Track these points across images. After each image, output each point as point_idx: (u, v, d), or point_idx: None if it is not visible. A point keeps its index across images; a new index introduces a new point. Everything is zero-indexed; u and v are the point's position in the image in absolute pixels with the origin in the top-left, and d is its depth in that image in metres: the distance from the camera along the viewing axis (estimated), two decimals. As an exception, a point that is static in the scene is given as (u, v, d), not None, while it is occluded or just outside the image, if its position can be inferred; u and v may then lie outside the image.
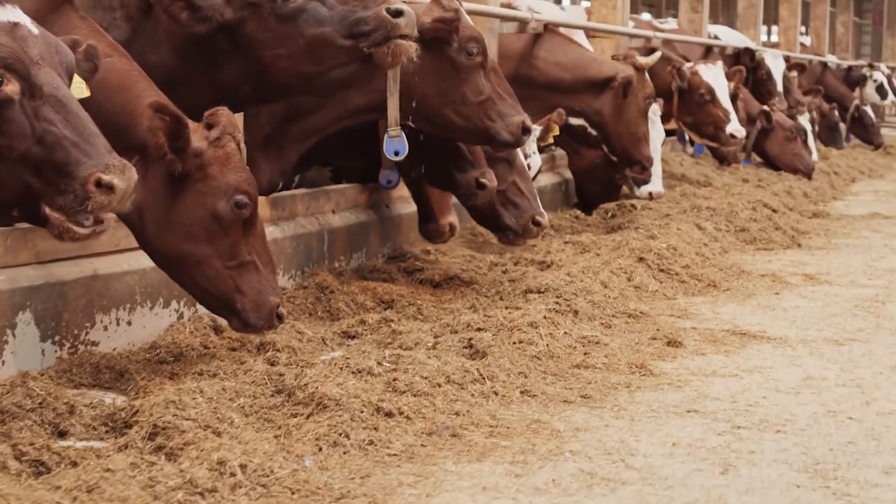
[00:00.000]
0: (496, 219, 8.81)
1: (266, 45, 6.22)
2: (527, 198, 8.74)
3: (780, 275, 10.10)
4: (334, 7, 6.16)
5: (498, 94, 7.97)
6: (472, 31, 7.97)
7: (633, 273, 9.17)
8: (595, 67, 11.83)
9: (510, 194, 8.75)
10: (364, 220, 9.06)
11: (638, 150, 11.95)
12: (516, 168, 8.78)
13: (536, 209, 8.74)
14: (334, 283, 8.05)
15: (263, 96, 6.56)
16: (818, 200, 16.07)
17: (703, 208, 12.14)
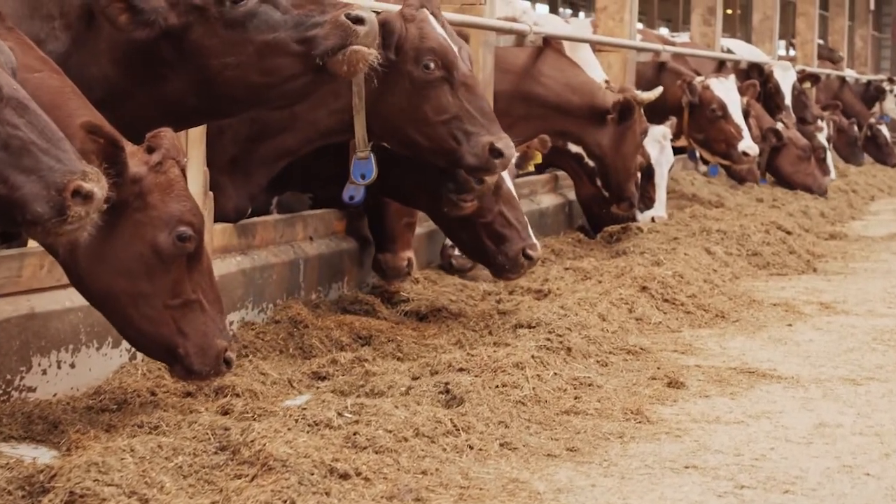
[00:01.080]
0: (483, 252, 8.12)
1: (213, 53, 5.59)
2: (515, 228, 8.05)
3: (794, 303, 9.45)
4: (288, 11, 5.53)
5: (467, 112, 7.31)
6: (433, 42, 7.28)
7: (634, 304, 8.53)
8: (601, 96, 11.26)
9: (497, 225, 8.06)
10: (344, 247, 8.44)
11: (629, 186, 11.46)
12: (503, 196, 8.09)
13: (527, 240, 8.06)
14: (309, 317, 7.43)
15: (212, 111, 5.93)
16: (835, 220, 15.41)
17: (713, 231, 11.49)
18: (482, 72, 10.08)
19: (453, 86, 7.29)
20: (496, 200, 8.02)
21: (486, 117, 7.35)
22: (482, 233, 8.02)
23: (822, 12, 28.71)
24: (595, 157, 11.38)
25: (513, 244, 7.99)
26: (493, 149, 7.25)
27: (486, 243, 8.03)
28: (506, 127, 11.09)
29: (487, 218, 7.99)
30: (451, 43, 7.33)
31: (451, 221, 8.09)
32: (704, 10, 17.68)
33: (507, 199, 8.08)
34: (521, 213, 8.11)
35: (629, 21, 13.78)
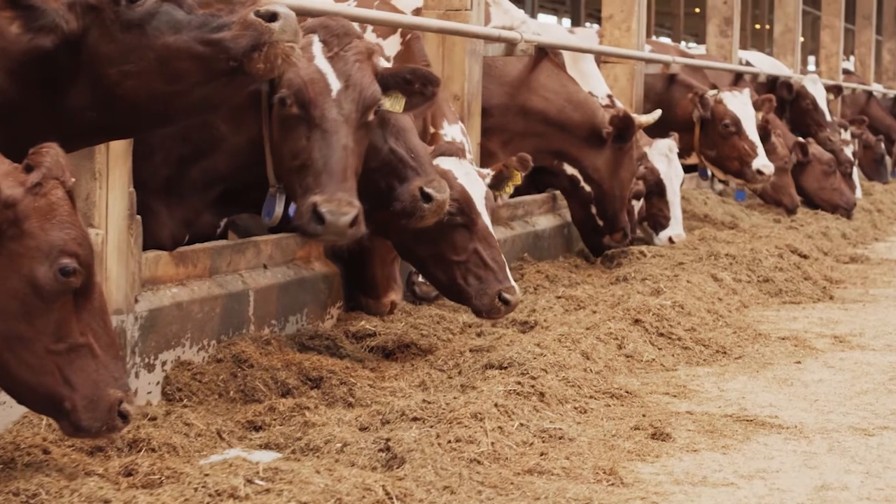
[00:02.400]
0: (458, 293, 7.35)
1: (111, 60, 4.81)
2: (491, 269, 7.25)
3: (805, 337, 8.61)
4: (193, 11, 4.75)
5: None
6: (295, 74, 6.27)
7: (625, 339, 7.71)
8: (602, 115, 10.45)
9: (472, 265, 7.28)
10: (305, 276, 7.64)
11: (623, 216, 10.73)
12: (478, 233, 7.30)
13: (504, 282, 7.25)
14: (255, 355, 6.65)
15: (117, 127, 5.15)
16: (858, 242, 14.53)
17: (722, 255, 10.66)
18: (468, 83, 9.34)
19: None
20: (471, 238, 7.24)
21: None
22: (456, 272, 7.26)
23: (847, 25, 27.85)
24: (591, 182, 10.59)
25: (488, 286, 7.20)
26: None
27: (460, 284, 7.26)
28: (503, 143, 10.44)
29: (461, 257, 7.24)
30: None
31: (423, 258, 7.39)
32: (721, 21, 16.85)
33: (482, 237, 7.29)
34: (498, 252, 7.32)
35: (637, 30, 12.97)
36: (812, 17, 36.66)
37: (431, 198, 6.68)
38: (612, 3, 13.01)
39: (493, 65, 10.15)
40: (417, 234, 7.20)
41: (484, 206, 7.35)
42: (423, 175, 6.74)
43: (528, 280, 9.93)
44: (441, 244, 7.24)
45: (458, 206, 7.22)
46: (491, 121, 10.08)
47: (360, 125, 6.27)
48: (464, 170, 7.40)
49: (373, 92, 6.33)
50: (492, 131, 10.13)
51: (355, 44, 6.36)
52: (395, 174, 6.79)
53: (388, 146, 6.80)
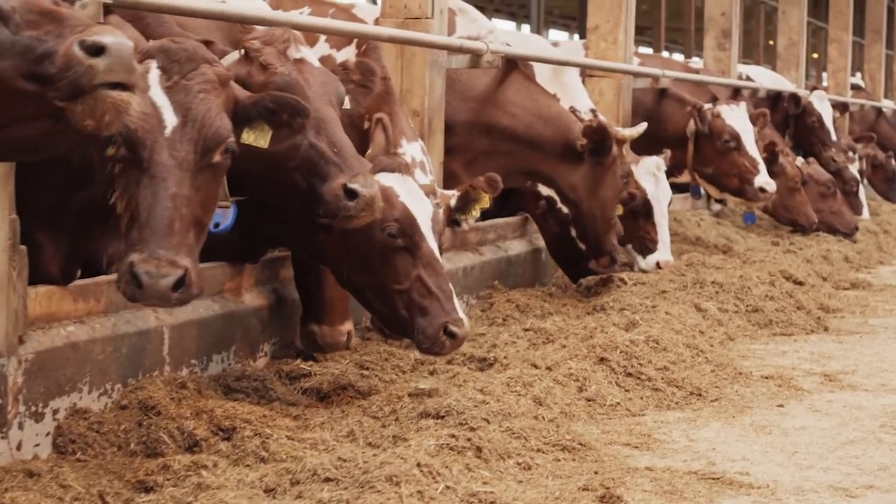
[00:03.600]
0: (399, 324, 6.59)
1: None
2: (437, 299, 6.47)
3: (791, 375, 7.86)
4: (20, 31, 3.88)
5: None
6: None
7: (587, 380, 6.96)
8: (576, 130, 9.67)
9: (414, 294, 6.49)
10: (233, 309, 6.92)
11: (609, 238, 9.87)
12: (421, 258, 6.53)
13: (450, 314, 6.46)
14: (164, 401, 5.92)
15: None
16: (861, 266, 13.74)
17: (708, 283, 9.89)
18: (428, 97, 8.63)
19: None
20: (414, 264, 6.49)
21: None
22: (397, 301, 6.51)
23: (857, 39, 27.08)
24: (569, 203, 9.82)
25: (433, 318, 6.43)
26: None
27: (401, 314, 6.50)
28: (466, 163, 9.69)
29: (403, 284, 6.48)
30: None
31: (362, 286, 6.64)
32: (719, 34, 16.09)
33: (427, 263, 6.52)
34: (444, 280, 6.54)
35: (624, 42, 12.23)
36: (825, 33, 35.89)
37: (356, 194, 5.90)
38: (598, 13, 12.28)
39: (457, 78, 9.42)
40: (355, 258, 6.50)
41: (430, 229, 6.59)
42: (347, 171, 5.97)
43: (497, 310, 9.22)
44: (380, 270, 6.51)
45: (400, 227, 6.48)
46: (453, 139, 9.35)
47: (203, 167, 5.33)
48: (407, 187, 6.64)
49: (218, 128, 5.34)
50: (454, 150, 9.39)
51: (202, 70, 5.42)
52: (316, 172, 6.02)
53: (308, 141, 6.02)
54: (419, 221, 6.55)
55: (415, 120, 8.66)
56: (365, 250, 6.49)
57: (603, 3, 12.23)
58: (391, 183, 6.55)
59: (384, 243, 6.45)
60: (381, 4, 8.83)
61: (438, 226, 6.70)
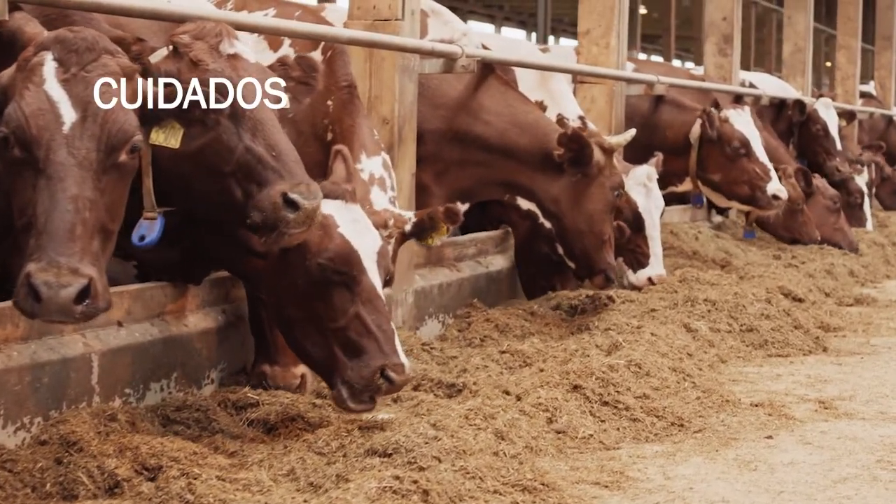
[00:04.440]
0: (333, 365, 5.95)
1: None
2: (375, 339, 5.87)
3: (783, 402, 7.32)
4: None
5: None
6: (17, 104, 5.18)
7: (558, 410, 6.41)
8: (556, 139, 9.10)
9: (351, 333, 5.89)
10: (174, 333, 6.39)
11: (601, 255, 9.21)
12: (361, 294, 5.93)
13: (390, 357, 5.85)
14: (88, 436, 5.40)
15: None
16: (866, 281, 13.13)
17: (700, 301, 9.32)
18: (398, 104, 8.11)
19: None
20: (352, 300, 5.90)
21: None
22: (331, 341, 5.92)
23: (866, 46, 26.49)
24: (551, 217, 9.23)
25: (369, 359, 5.83)
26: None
27: (335, 355, 5.92)
28: (436, 174, 9.14)
29: (339, 322, 5.88)
30: None
31: (293, 321, 6.06)
32: (720, 39, 15.53)
33: (367, 300, 5.91)
34: (385, 319, 5.93)
35: (617, 47, 11.68)
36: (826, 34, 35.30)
37: (297, 205, 5.33)
38: (589, 16, 11.74)
39: (426, 84, 8.87)
40: (288, 290, 5.96)
41: (374, 263, 5.99)
42: (287, 177, 5.40)
43: (475, 330, 8.69)
44: (314, 305, 5.94)
45: (336, 260, 5.90)
46: (423, 148, 8.80)
47: (108, 168, 4.80)
48: (350, 216, 6.04)
49: (123, 124, 4.82)
50: (424, 160, 8.84)
51: (103, 62, 4.87)
52: (253, 178, 5.43)
53: (244, 144, 5.45)
54: (360, 254, 5.95)
55: (384, 128, 8.14)
56: (299, 282, 5.95)
57: (594, 7, 11.70)
58: (331, 211, 5.95)
59: (319, 276, 5.88)
60: (349, 5, 8.31)
61: (385, 259, 6.08)
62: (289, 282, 5.94)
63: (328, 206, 5.89)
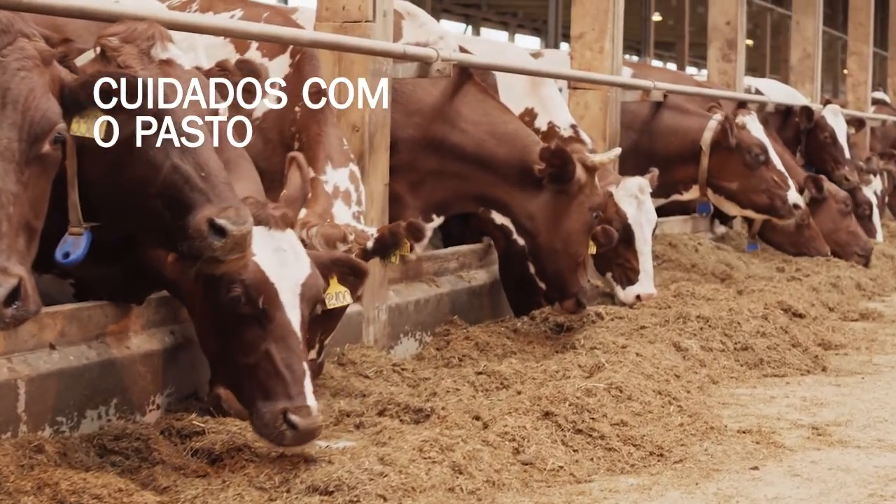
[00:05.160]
0: (245, 401, 5.50)
1: None
2: (283, 381, 5.37)
3: (773, 428, 6.85)
4: None
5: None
6: None
7: (525, 439, 5.95)
8: (536, 153, 8.64)
9: (260, 372, 5.41)
10: (115, 356, 5.97)
11: (574, 277, 8.77)
12: (273, 331, 5.42)
13: (294, 400, 5.34)
14: (7, 470, 5.00)
15: None
16: (874, 294, 12.64)
17: (693, 317, 8.85)
18: (370, 112, 7.62)
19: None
20: (263, 336, 5.42)
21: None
22: (242, 377, 5.47)
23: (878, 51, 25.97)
24: (525, 234, 8.78)
25: (274, 403, 5.34)
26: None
27: (245, 394, 5.46)
28: (411, 185, 8.69)
29: (249, 359, 5.41)
30: None
31: (212, 354, 5.68)
32: (723, 44, 15.07)
33: (280, 337, 5.40)
34: (298, 358, 5.38)
35: (611, 51, 11.23)
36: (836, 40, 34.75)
37: (225, 232, 4.86)
38: (583, 20, 11.29)
39: (400, 90, 8.43)
40: (206, 318, 5.51)
41: (297, 295, 5.49)
42: (215, 201, 4.94)
43: (453, 349, 8.26)
44: (227, 337, 5.50)
45: (247, 291, 5.42)
46: (397, 158, 8.36)
47: (32, 159, 4.39)
48: (273, 243, 5.54)
49: (45, 112, 4.42)
50: (398, 170, 8.40)
51: (20, 45, 4.46)
52: (179, 200, 4.94)
53: (171, 162, 4.99)
54: (277, 287, 5.46)
55: (354, 136, 7.71)
56: (213, 312, 5.50)
57: (587, 10, 11.25)
58: None
59: (231, 307, 5.42)
60: (318, 6, 7.88)
61: (313, 291, 5.57)
62: (204, 311, 5.53)
63: None
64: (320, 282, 5.61)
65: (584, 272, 8.74)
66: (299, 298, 5.44)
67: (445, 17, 47.24)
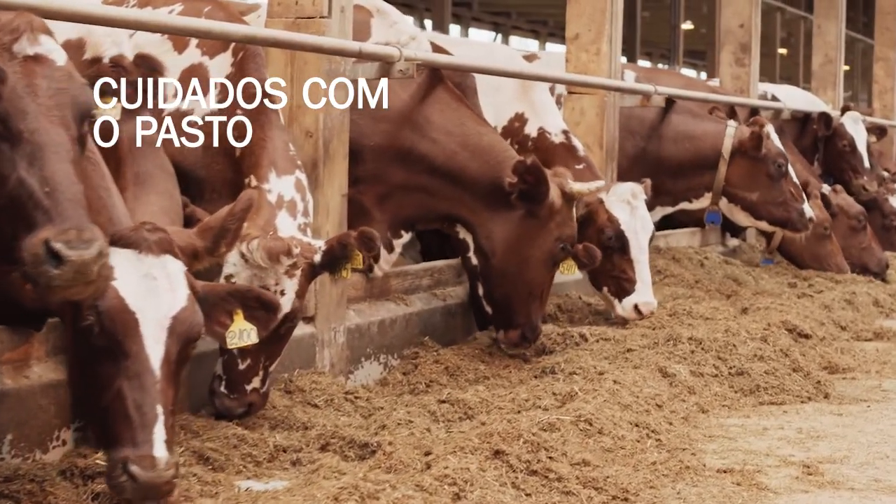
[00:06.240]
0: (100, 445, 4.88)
1: None
2: (130, 425, 4.63)
3: (759, 467, 6.17)
4: None
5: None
6: None
7: (469, 483, 5.26)
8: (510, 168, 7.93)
9: (109, 412, 4.68)
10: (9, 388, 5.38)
11: (524, 308, 8.03)
12: (127, 368, 4.68)
13: (138, 448, 4.60)
14: None
15: None
16: (892, 311, 11.87)
17: (684, 339, 8.15)
18: (325, 114, 7.02)
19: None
20: (116, 373, 4.70)
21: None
22: (95, 418, 4.82)
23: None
24: (480, 253, 8.08)
25: (117, 450, 4.63)
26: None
27: (97, 431, 4.83)
28: (379, 197, 8.02)
29: (103, 398, 4.70)
30: None
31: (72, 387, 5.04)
32: (736, 48, 14.36)
33: (134, 375, 4.64)
34: (150, 401, 4.63)
35: (609, 54, 10.56)
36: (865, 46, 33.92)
37: (61, 257, 4.18)
38: (578, 20, 10.63)
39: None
40: (74, 349, 4.86)
41: (165, 329, 4.78)
42: (57, 220, 4.23)
43: (421, 374, 7.64)
44: (82, 372, 4.84)
45: (102, 321, 4.75)
46: (363, 168, 7.71)
47: None
48: (142, 270, 4.84)
49: None
50: (364, 181, 7.75)
51: None
52: (22, 218, 4.26)
53: (17, 174, 4.30)
54: (139, 318, 4.77)
55: (307, 142, 7.08)
56: (75, 341, 4.86)
57: (583, 10, 10.58)
58: (115, 262, 4.75)
59: (84, 338, 4.76)
60: (269, 2, 7.24)
61: (185, 326, 4.85)
62: (68, 340, 4.88)
63: (115, 257, 4.71)
64: (197, 317, 4.89)
65: (538, 307, 8.02)
66: (167, 333, 4.74)
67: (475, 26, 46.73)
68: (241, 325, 5.19)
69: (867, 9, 34.41)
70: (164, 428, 4.59)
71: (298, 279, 6.19)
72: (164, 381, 4.67)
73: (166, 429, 4.60)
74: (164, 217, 5.61)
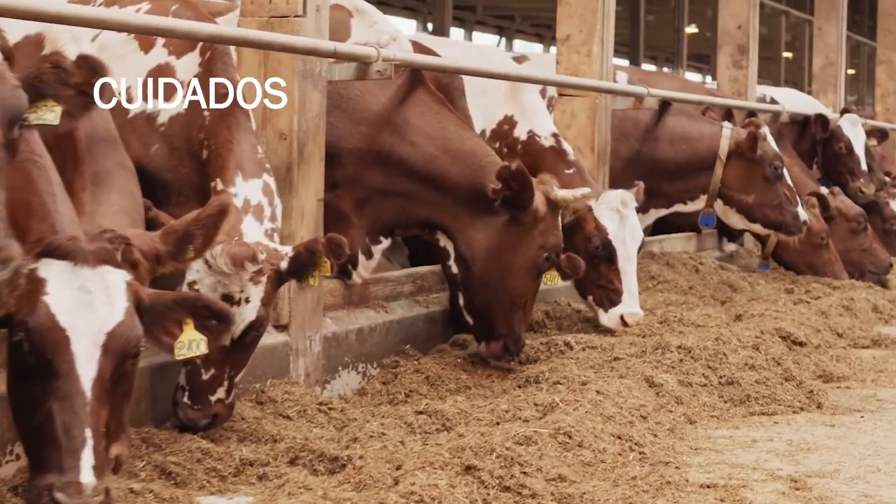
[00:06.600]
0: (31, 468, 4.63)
1: None
2: (57, 449, 4.35)
3: (744, 481, 5.94)
4: None
5: None
6: None
7: (437, 500, 5.03)
8: (493, 174, 7.68)
9: (39, 436, 4.42)
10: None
11: (506, 318, 7.74)
12: (57, 389, 4.40)
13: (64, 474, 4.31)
14: None
15: None
16: (891, 317, 11.62)
17: (673, 348, 7.92)
18: (299, 116, 6.84)
19: None
20: (47, 395, 4.41)
21: None
22: (27, 438, 4.54)
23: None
24: (461, 261, 7.83)
25: (42, 476, 4.36)
26: None
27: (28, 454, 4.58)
28: (358, 202, 7.79)
29: (33, 420, 4.44)
30: None
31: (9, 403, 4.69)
32: (734, 50, 14.14)
33: (64, 396, 4.34)
34: (79, 425, 4.34)
35: (600, 55, 10.33)
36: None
37: None
38: (569, 21, 10.40)
39: (346, 95, 7.53)
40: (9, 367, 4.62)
41: (99, 346, 4.52)
42: None
43: (400, 384, 7.40)
44: (13, 391, 4.61)
45: (31, 338, 4.49)
46: (341, 171, 7.48)
47: None
48: (76, 283, 4.58)
49: None
50: (342, 186, 7.52)
51: None
52: None
53: None
54: (70, 334, 4.51)
55: (281, 145, 6.86)
56: (9, 358, 4.62)
57: (574, 10, 10.35)
58: (48, 274, 4.53)
59: (17, 354, 4.51)
60: (242, 0, 7.03)
61: (121, 342, 4.56)
62: (4, 357, 4.65)
63: (48, 269, 4.47)
64: (135, 331, 4.62)
65: (521, 317, 7.77)
66: (100, 350, 4.48)
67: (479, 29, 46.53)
68: (190, 336, 4.93)
69: (872, 12, 34.18)
70: (94, 453, 4.34)
71: (264, 286, 5.97)
72: (96, 401, 4.41)
73: (95, 454, 4.34)
74: (124, 217, 5.40)
